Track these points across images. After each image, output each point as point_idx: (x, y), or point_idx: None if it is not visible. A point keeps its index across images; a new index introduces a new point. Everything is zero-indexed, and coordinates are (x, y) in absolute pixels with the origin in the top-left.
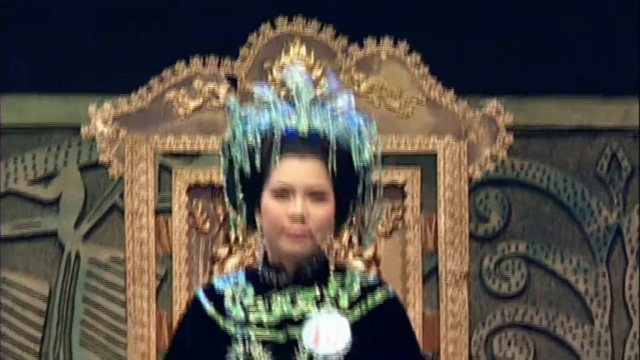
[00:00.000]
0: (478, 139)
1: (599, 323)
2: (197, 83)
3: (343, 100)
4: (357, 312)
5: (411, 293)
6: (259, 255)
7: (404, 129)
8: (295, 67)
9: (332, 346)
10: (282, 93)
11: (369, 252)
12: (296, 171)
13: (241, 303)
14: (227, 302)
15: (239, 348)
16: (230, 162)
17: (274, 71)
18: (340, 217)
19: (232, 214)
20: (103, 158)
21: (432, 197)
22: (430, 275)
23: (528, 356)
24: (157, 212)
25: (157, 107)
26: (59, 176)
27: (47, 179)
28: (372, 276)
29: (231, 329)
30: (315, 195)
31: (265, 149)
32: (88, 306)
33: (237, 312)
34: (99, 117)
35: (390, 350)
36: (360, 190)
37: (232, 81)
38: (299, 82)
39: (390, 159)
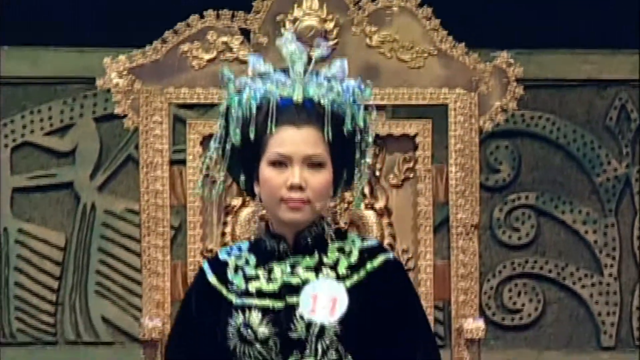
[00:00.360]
0: (488, 90)
1: (607, 273)
2: (211, 36)
3: (337, 67)
4: (355, 277)
5: (422, 244)
6: (257, 226)
7: (415, 81)
8: (288, 35)
9: (329, 314)
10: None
11: (362, 208)
12: (293, 140)
13: (243, 273)
14: (230, 272)
15: (239, 317)
16: (226, 131)
17: (287, 24)
18: (338, 184)
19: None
20: (118, 110)
21: (443, 149)
22: (441, 226)
23: (538, 305)
24: (172, 163)
25: (172, 59)
26: (75, 128)
27: (63, 130)
28: (373, 241)
29: (232, 298)
30: (313, 164)
31: (261, 118)
32: (103, 256)
33: (239, 282)
34: (114, 70)
35: (391, 313)
36: (357, 155)
37: (246, 34)
38: (293, 51)
39: (401, 111)
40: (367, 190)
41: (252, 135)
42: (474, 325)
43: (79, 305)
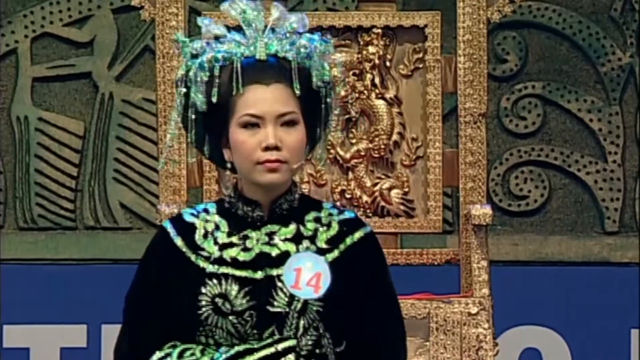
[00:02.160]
0: None
1: (611, 160)
2: None
3: (296, 21)
4: (336, 252)
5: (431, 132)
6: (226, 190)
7: None
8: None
9: (313, 290)
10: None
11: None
12: (263, 99)
13: (214, 238)
14: (198, 236)
15: (215, 287)
16: (187, 98)
17: None
18: (311, 141)
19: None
20: (135, 1)
21: (452, 40)
22: (450, 114)
23: (543, 192)
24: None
25: None
26: (93, 19)
27: (81, 21)
28: (351, 213)
29: (204, 265)
30: (286, 122)
31: (225, 80)
32: (121, 144)
33: (210, 248)
34: None
35: (367, 289)
36: (323, 111)
37: None
38: (245, 10)
39: (411, 3)
40: (377, 80)
41: (214, 99)
42: (482, 212)
43: (97, 191)
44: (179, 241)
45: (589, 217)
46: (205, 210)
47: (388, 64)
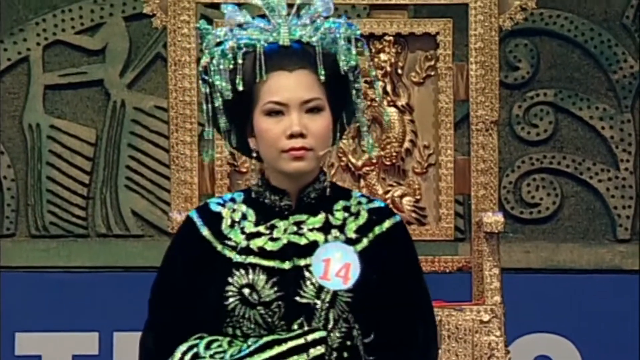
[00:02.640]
0: None
1: (623, 167)
2: None
3: (321, 5)
4: (365, 241)
5: (443, 140)
6: (254, 180)
7: None
8: None
9: (342, 281)
10: None
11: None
12: (286, 86)
13: (241, 228)
14: (224, 226)
15: (242, 277)
16: (211, 87)
17: None
18: (337, 129)
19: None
20: (147, 9)
21: (464, 47)
22: (462, 122)
23: (555, 199)
24: (199, 62)
25: None
26: (105, 27)
27: (93, 29)
28: (380, 202)
29: (231, 255)
30: (311, 109)
31: (248, 67)
32: (133, 152)
33: (237, 237)
34: None
35: (397, 279)
36: (353, 96)
37: None
38: None
39: (423, 10)
40: (389, 88)
41: (240, 87)
42: (493, 219)
43: (109, 199)
44: (205, 231)
45: (601, 225)
46: (232, 200)
47: (400, 71)
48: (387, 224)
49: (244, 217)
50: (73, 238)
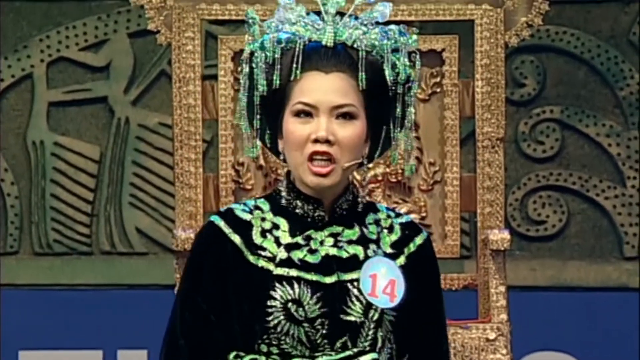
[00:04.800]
0: (514, 6)
1: (630, 184)
2: None
3: (377, 11)
4: (402, 257)
5: (449, 157)
6: (282, 186)
7: None
8: None
9: (389, 299)
10: None
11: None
12: (319, 88)
13: (275, 238)
14: (256, 235)
15: (287, 291)
16: (251, 78)
17: None
18: (374, 146)
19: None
20: (151, 26)
21: (470, 64)
22: (468, 139)
23: (562, 217)
24: (204, 78)
25: None
26: (109, 43)
27: (97, 46)
28: (408, 217)
29: (268, 266)
30: (342, 115)
31: (286, 64)
32: (137, 169)
33: (272, 248)
34: None
35: (427, 297)
36: (398, 111)
37: None
38: None
39: (429, 27)
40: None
41: (276, 82)
42: (500, 236)
43: (113, 216)
44: (236, 239)
45: (608, 243)
46: (257, 207)
47: None
48: (419, 240)
49: (276, 226)
50: (77, 256)
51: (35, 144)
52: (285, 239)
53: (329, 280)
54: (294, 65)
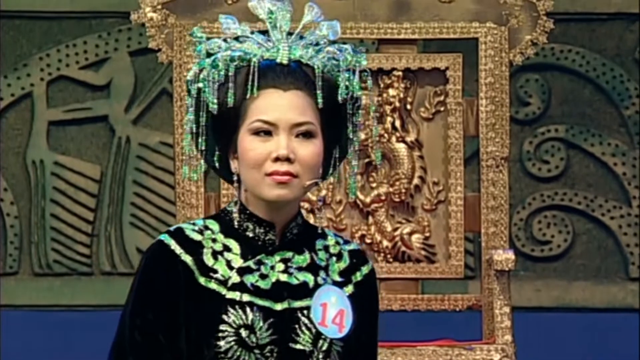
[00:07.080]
0: (519, 24)
1: (636, 204)
2: None
3: (327, 27)
4: (350, 286)
5: (453, 176)
6: (234, 208)
7: (446, 15)
8: None
9: (337, 329)
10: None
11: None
12: (278, 106)
13: (226, 261)
14: (207, 257)
15: (239, 316)
16: (198, 100)
17: None
18: (329, 163)
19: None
20: (152, 44)
21: (474, 82)
22: (472, 158)
23: (567, 237)
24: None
25: None
26: (110, 62)
27: (98, 64)
28: (354, 244)
29: (219, 289)
30: (302, 133)
31: (239, 82)
32: (138, 188)
33: (224, 271)
34: (149, 4)
35: (368, 327)
36: (349, 130)
37: None
38: (271, 9)
39: (432, 45)
40: (398, 124)
41: (230, 100)
42: (504, 257)
43: (114, 236)
44: (187, 259)
45: (613, 263)
46: (207, 228)
47: (409, 106)
48: (365, 269)
49: (227, 248)
50: (77, 276)
51: (35, 163)
52: (237, 262)
53: (279, 307)
54: (250, 83)
